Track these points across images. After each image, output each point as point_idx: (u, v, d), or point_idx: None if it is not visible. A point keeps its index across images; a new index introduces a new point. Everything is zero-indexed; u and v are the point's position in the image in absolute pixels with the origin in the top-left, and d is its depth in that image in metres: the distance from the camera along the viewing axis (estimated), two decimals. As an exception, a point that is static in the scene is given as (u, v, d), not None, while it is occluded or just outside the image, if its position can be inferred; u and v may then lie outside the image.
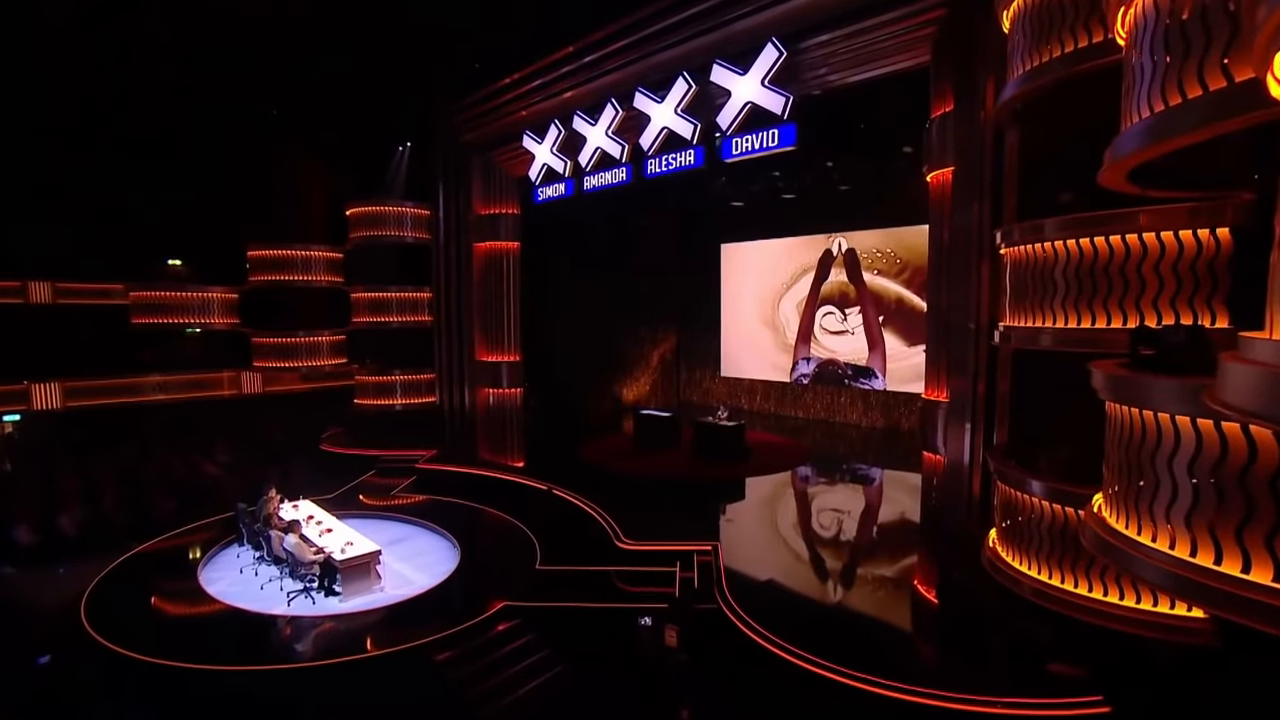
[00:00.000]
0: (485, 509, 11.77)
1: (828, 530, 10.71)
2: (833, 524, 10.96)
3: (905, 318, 15.60)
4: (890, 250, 15.78)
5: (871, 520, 11.28)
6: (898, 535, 10.42)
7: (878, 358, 16.16)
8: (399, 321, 16.70)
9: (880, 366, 16.17)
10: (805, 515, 11.53)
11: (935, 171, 9.42)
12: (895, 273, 15.71)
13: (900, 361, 15.72)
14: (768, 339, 18.69)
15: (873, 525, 11.04)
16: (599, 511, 10.82)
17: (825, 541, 10.31)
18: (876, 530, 10.74)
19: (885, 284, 15.93)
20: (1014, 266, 6.71)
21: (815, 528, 10.82)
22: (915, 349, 15.31)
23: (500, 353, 16.16)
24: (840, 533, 10.67)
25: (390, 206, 16.56)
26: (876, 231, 16.01)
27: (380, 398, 16.60)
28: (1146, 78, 3.95)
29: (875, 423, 16.51)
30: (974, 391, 8.36)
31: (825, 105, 10.93)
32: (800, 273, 17.66)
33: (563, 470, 13.02)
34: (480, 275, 16.18)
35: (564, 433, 16.62)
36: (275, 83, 15.19)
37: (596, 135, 13.21)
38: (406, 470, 14.03)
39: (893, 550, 9.83)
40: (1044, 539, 6.30)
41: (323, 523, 10.02)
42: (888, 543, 10.22)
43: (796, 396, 18.16)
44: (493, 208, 16.28)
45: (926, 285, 10.09)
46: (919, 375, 15.04)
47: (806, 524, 11.06)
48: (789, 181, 16.69)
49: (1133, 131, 4.06)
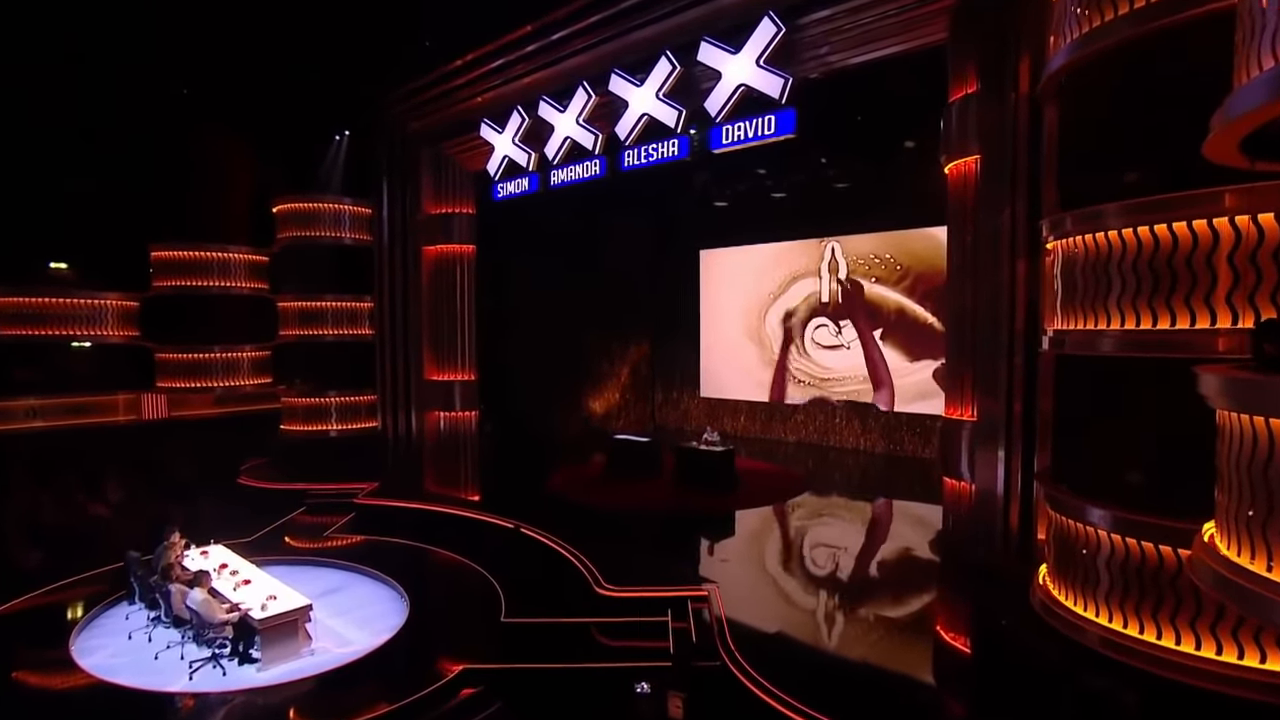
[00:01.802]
0: (437, 551, 11.07)
1: (837, 570, 10.24)
2: (842, 562, 10.50)
3: (907, 330, 15.44)
4: (890, 256, 15.66)
5: (885, 558, 10.87)
6: (919, 574, 9.98)
7: (884, 395, 15.96)
8: (335, 335, 15.99)
9: (887, 402, 15.94)
10: (809, 553, 11.03)
11: (955, 161, 9.15)
12: (895, 280, 15.58)
13: (902, 378, 15.53)
14: (752, 355, 18.45)
15: (888, 563, 10.60)
16: (573, 552, 10.17)
17: (836, 583, 9.82)
18: (893, 569, 10.29)
19: (884, 293, 15.77)
20: (1065, 261, 6.35)
21: (822, 567, 10.34)
22: (919, 365, 15.15)
23: (453, 371, 15.68)
24: (852, 572, 10.21)
25: (326, 203, 15.89)
26: (874, 235, 15.91)
27: (312, 423, 15.88)
28: (1271, 21, 3.54)
29: (875, 446, 16.26)
30: (1008, 408, 8.00)
31: (819, 93, 10.65)
32: (789, 281, 17.51)
33: (527, 504, 12.50)
34: (430, 283, 15.72)
35: (527, 461, 16.12)
36: (187, 54, 14.22)
37: (566, 123, 12.78)
38: (343, 506, 13.27)
39: (917, 592, 9.36)
40: (1111, 578, 5.83)
41: (239, 572, 9.01)
42: (908, 583, 9.76)
43: (785, 418, 17.88)
44: (445, 206, 15.83)
45: (945, 290, 9.82)
46: (923, 394, 15.04)
47: (812, 563, 10.56)
48: (778, 179, 16.51)
49: (1255, 84, 3.64)
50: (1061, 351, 6.48)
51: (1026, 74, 7.55)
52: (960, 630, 7.82)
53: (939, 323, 14.79)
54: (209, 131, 16.06)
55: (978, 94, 8.52)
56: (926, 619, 8.45)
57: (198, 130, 15.92)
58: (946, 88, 9.39)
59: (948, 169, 9.44)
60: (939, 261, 14.60)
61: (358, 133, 16.20)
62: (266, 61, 14.42)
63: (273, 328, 16.42)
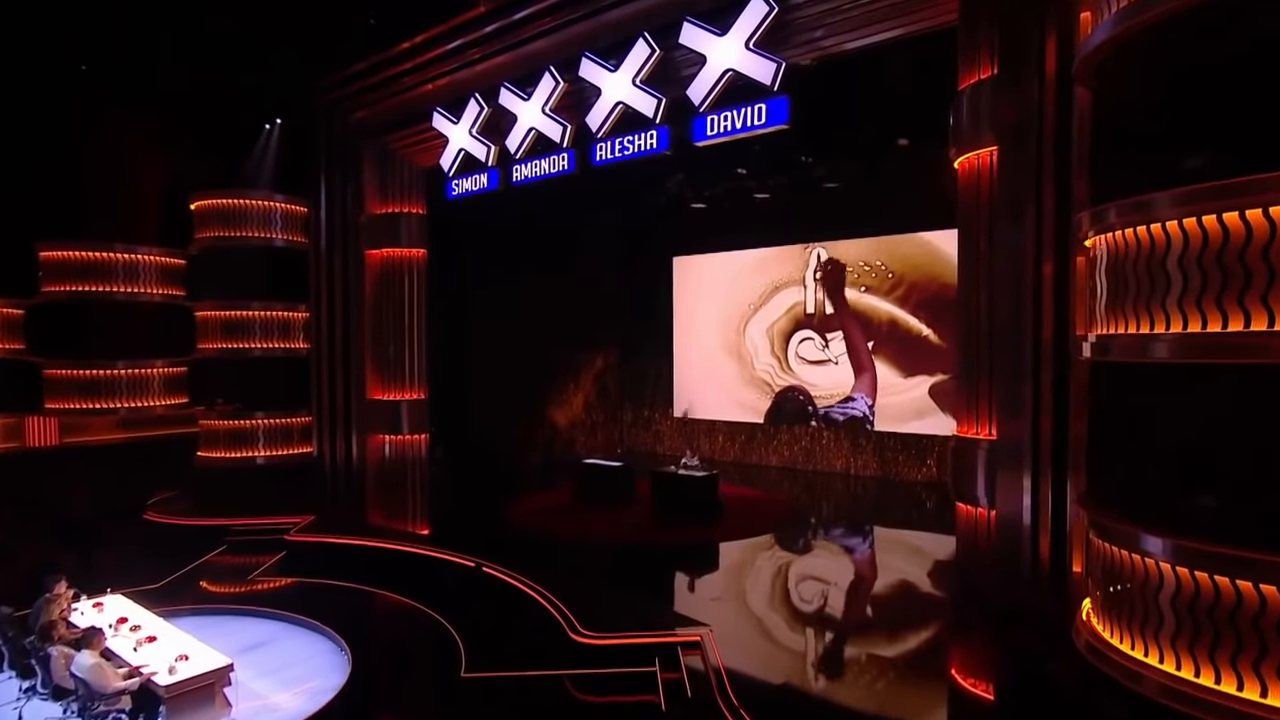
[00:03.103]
0: (384, 594, 10.43)
1: (841, 608, 9.88)
2: (845, 600, 10.15)
3: (900, 344, 15.36)
4: (880, 263, 15.60)
5: (893, 594, 10.53)
6: (934, 612, 9.66)
7: (866, 382, 15.74)
8: (263, 349, 15.36)
9: (869, 391, 15.73)
10: (807, 589, 10.67)
11: (967, 155, 8.98)
12: (887, 290, 15.51)
13: (894, 396, 15.40)
14: (731, 371, 18.26)
15: (896, 600, 10.27)
16: (542, 592, 9.62)
17: (841, 624, 9.45)
18: (903, 607, 9.96)
19: (874, 303, 15.69)
20: (1109, 259, 6.07)
21: (824, 605, 9.98)
22: (913, 381, 15.06)
23: (400, 389, 15.26)
24: (858, 611, 9.85)
25: (254, 200, 15.25)
26: (864, 241, 15.87)
27: (236, 448, 15.25)
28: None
29: (866, 470, 16.11)
30: (1035, 425, 7.71)
31: (806, 85, 10.47)
32: (771, 290, 17.41)
33: (487, 538, 12.03)
34: (375, 290, 15.34)
35: (485, 489, 15.77)
36: (85, 23, 13.36)
37: (530, 113, 12.45)
38: (271, 544, 12.59)
39: (934, 633, 9.01)
40: (1172, 617, 5.48)
41: (141, 628, 8.09)
42: (923, 623, 9.40)
43: (767, 440, 17.65)
44: (392, 205, 15.42)
45: (956, 297, 9.63)
46: (918, 412, 14.95)
47: (812, 601, 10.19)
48: (759, 179, 16.42)
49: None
50: (1106, 359, 6.18)
51: (1054, 54, 7.35)
52: (996, 678, 7.43)
53: (934, 335, 14.73)
54: (112, 116, 15.13)
55: (994, 79, 8.33)
56: (951, 665, 8.07)
57: (98, 114, 14.97)
58: (950, 75, 9.24)
59: (958, 163, 9.26)
60: (934, 269, 14.67)
61: (291, 121, 15.62)
62: (183, 37, 13.72)
63: (190, 340, 15.67)
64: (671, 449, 19.25)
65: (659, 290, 19.43)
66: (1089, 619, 6.47)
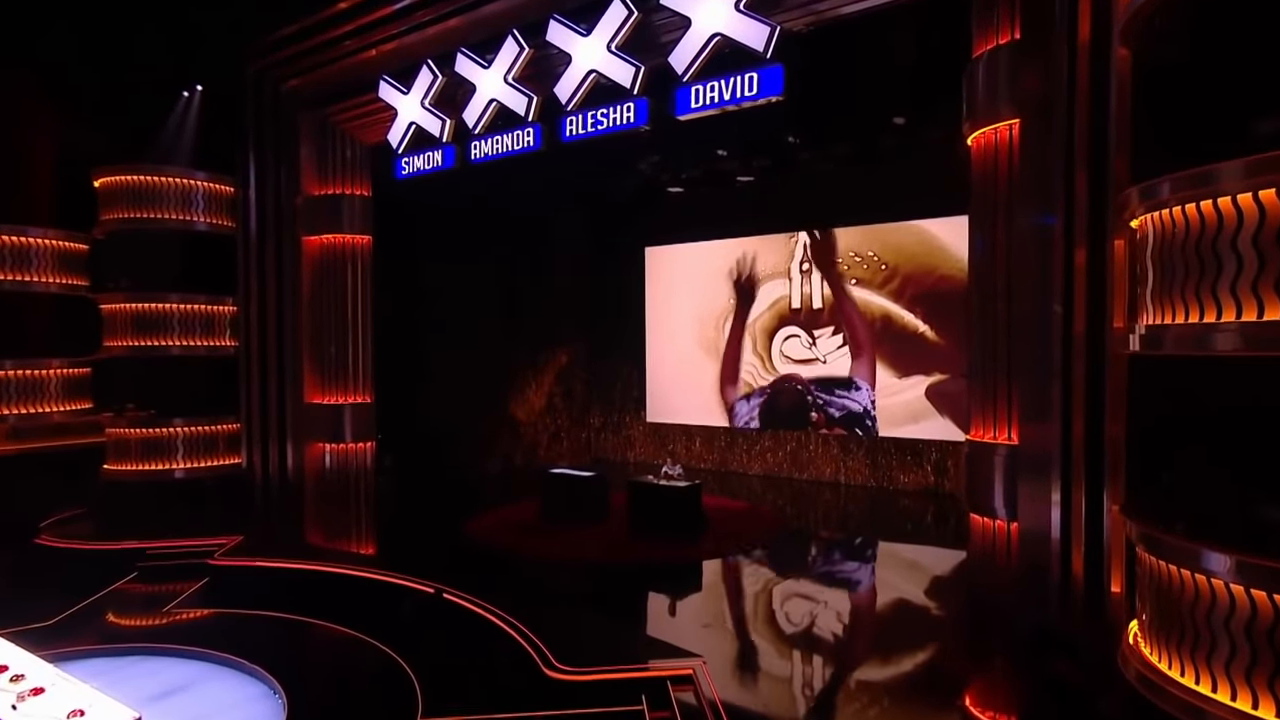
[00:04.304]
0: (325, 626, 9.87)
1: (846, 632, 9.55)
2: (850, 622, 9.85)
3: (895, 341, 15.22)
4: (872, 253, 15.46)
5: (900, 614, 10.26)
6: (948, 634, 9.35)
7: (863, 365, 15.64)
8: (183, 347, 14.73)
9: (868, 377, 15.59)
10: (807, 612, 10.34)
11: (983, 130, 8.82)
12: (880, 283, 15.36)
13: (889, 398, 15.28)
14: (709, 372, 18.05)
15: (905, 621, 10.00)
16: (510, 621, 9.11)
17: (848, 649, 9.11)
18: (914, 628, 9.69)
19: (867, 297, 15.54)
20: (1160, 240, 5.78)
21: (827, 629, 9.66)
22: (909, 381, 14.95)
23: (342, 392, 14.94)
24: (865, 634, 9.52)
25: (170, 177, 14.51)
26: (855, 230, 15.69)
27: (150, 460, 14.61)
28: None
29: (858, 479, 15.97)
30: (1065, 428, 7.46)
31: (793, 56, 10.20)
32: None
33: (444, 558, 11.69)
34: (313, 281, 14.97)
35: (440, 503, 15.46)
36: None
37: (491, 82, 12.07)
38: (192, 570, 11.96)
39: (953, 658, 8.73)
40: (1247, 646, 5.17)
41: (25, 677, 7.26)
42: (938, 646, 9.12)
43: (750, 446, 17.48)
44: (333, 186, 15.00)
45: (968, 289, 9.46)
46: (914, 416, 14.83)
47: (813, 624, 9.87)
48: (744, 161, 16.20)
49: None
50: (1158, 353, 5.88)
51: (1087, 11, 7.08)
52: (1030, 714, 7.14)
53: (932, 331, 14.60)
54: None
55: (1016, 44, 8.13)
56: (975, 698, 7.76)
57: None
58: (962, 40, 9.08)
59: (971, 139, 9.10)
60: (931, 259, 14.56)
61: (215, 88, 14.92)
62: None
63: (94, 337, 14.90)
64: (644, 456, 18.99)
65: (631, 283, 19.16)
66: (1137, 644, 6.17)
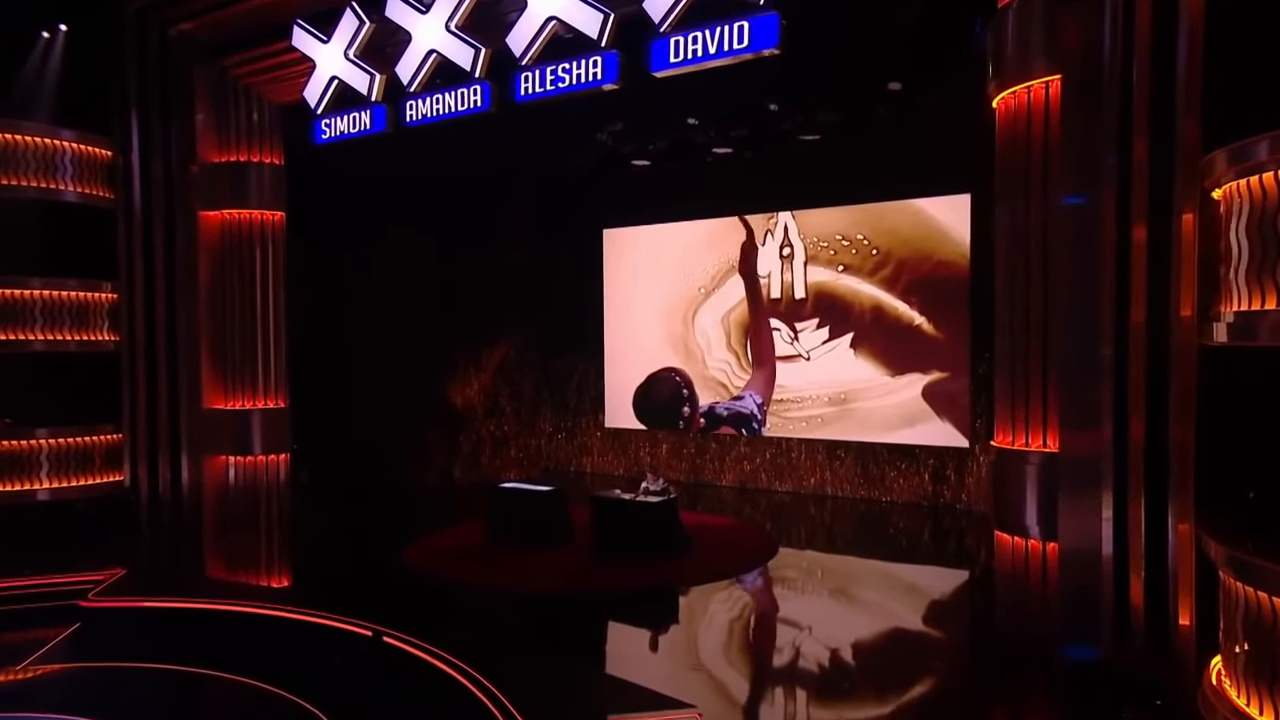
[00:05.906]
0: (230, 679, 9.14)
1: (859, 670, 9.12)
2: (861, 658, 9.41)
3: (887, 335, 15.04)
4: (862, 237, 15.25)
5: (919, 646, 9.96)
6: (980, 673, 9.09)
7: (761, 380, 16.23)
8: (48, 342, 14.02)
9: (762, 391, 16.16)
10: (812, 646, 9.99)
11: (1012, 89, 8.56)
12: (870, 270, 15.15)
13: (881, 399, 15.08)
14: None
15: (927, 654, 9.68)
16: (465, 670, 8.39)
17: (862, 691, 8.67)
18: (939, 663, 9.38)
19: (856, 286, 15.32)
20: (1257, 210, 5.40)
21: (836, 667, 9.23)
22: (903, 380, 14.78)
23: (250, 395, 14.64)
24: (880, 673, 9.08)
25: (27, 135, 13.61)
26: (842, 210, 15.44)
27: (6, 479, 14.00)
28: None
29: (846, 489, 15.77)
30: (1119, 434, 7.12)
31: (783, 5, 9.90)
32: (727, 269, 16.91)
33: (376, 589, 11.20)
34: (214, 263, 14.54)
35: (372, 523, 15.04)
36: None
37: (430, 31, 11.53)
38: (59, 613, 11.17)
39: (990, 698, 8.41)
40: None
41: None
42: (972, 683, 8.85)
43: (723, 453, 17.19)
44: (236, 152, 14.46)
45: (997, 274, 9.21)
46: (910, 419, 14.62)
47: (820, 661, 9.48)
48: (714, 131, 15.89)
49: None
50: (1251, 343, 5.52)
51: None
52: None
53: (929, 324, 14.40)
54: None
55: (1055, -10, 7.75)
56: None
57: None
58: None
59: (997, 101, 8.88)
60: (928, 244, 14.38)
61: (84, 29, 14.01)
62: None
63: None
64: (601, 466, 18.48)
65: (587, 270, 18.77)
66: (1221, 685, 5.79)
